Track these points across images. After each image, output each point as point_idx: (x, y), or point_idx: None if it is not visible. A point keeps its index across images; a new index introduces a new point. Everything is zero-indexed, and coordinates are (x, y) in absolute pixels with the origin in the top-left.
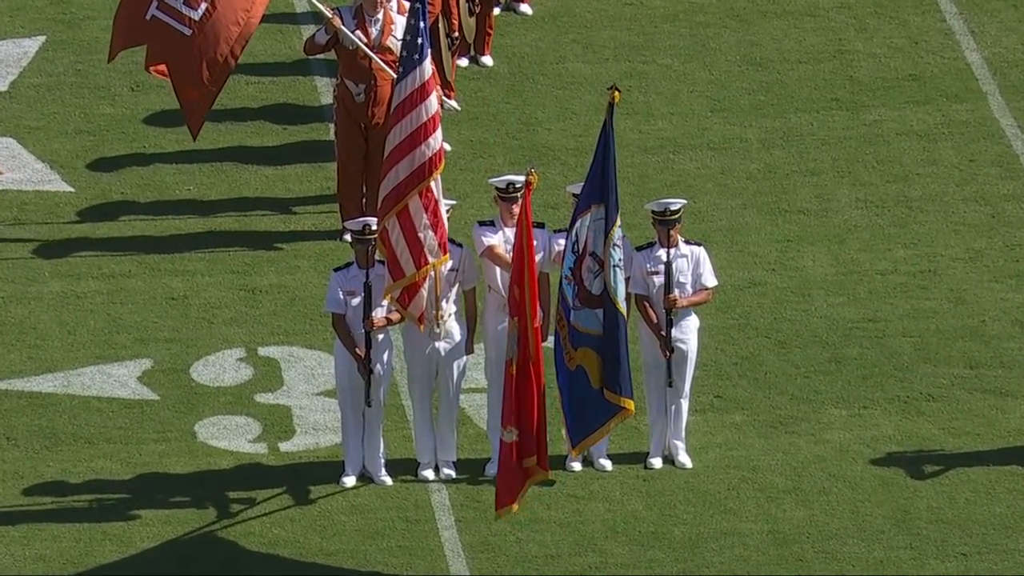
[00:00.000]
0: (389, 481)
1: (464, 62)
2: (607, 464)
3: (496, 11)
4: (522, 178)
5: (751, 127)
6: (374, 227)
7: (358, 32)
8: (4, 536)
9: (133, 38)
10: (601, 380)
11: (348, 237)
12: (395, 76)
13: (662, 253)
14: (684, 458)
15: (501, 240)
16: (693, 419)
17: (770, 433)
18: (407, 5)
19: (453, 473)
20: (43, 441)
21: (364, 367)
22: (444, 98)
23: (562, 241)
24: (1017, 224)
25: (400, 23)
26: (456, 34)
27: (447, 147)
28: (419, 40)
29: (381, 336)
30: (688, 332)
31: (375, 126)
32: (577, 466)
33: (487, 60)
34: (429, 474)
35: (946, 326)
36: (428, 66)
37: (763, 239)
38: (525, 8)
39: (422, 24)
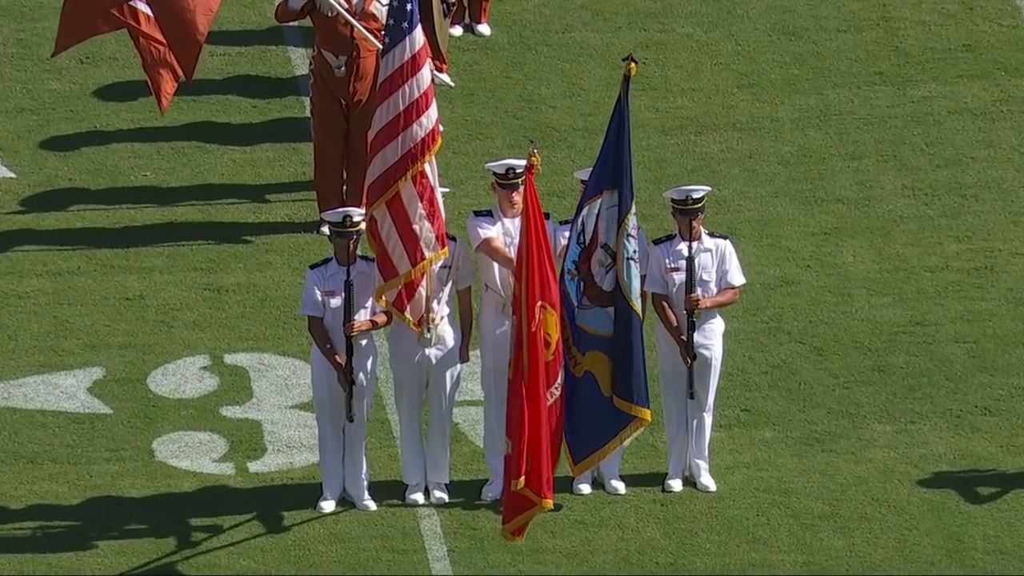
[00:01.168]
0: (373, 506)
1: (458, 31)
2: (620, 486)
3: None
4: (523, 162)
5: (783, 105)
6: (356, 218)
7: None
8: None
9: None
10: (612, 387)
11: (326, 229)
12: (381, 47)
13: (683, 247)
14: (707, 480)
15: (500, 232)
16: (717, 435)
17: (805, 451)
18: None
19: (445, 497)
20: None
21: (345, 377)
22: (436, 72)
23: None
24: None
25: None
26: None
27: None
28: (408, 6)
29: (364, 342)
30: (712, 337)
31: (357, 103)
32: (586, 488)
33: (484, 29)
34: (418, 498)
35: (1004, 330)
36: (419, 35)
37: (797, 231)
38: None
39: None
